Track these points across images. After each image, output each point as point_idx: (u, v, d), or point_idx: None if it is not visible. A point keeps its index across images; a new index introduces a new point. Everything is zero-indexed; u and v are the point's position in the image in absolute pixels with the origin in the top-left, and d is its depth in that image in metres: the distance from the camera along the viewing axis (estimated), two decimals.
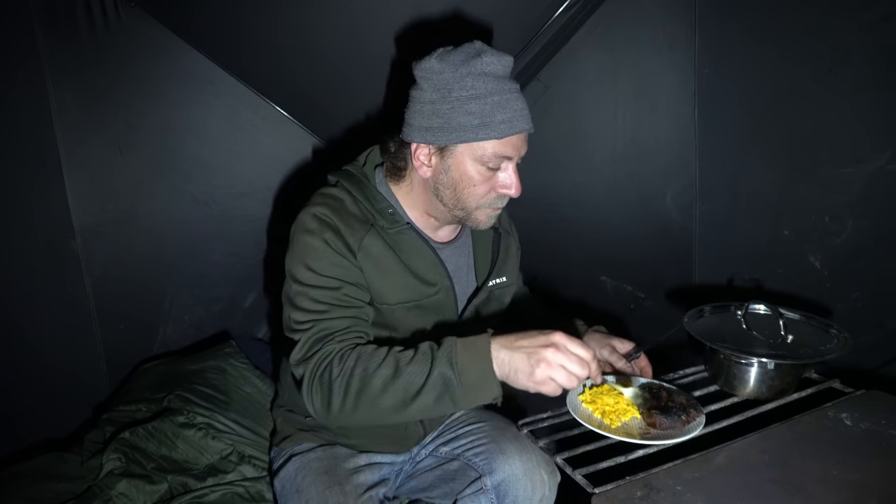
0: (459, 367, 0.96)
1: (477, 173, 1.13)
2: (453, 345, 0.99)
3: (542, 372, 0.92)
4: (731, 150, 1.63)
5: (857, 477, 0.90)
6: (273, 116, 1.98)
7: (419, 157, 1.16)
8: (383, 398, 0.98)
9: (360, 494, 1.18)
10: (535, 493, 1.24)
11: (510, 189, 1.15)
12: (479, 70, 1.07)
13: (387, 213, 1.21)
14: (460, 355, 0.97)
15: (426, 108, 1.11)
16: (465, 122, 1.08)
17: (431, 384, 0.97)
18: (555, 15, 1.76)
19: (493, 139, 1.09)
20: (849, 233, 1.43)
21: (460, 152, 1.12)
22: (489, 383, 0.95)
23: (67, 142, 1.66)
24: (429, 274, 1.23)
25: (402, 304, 1.20)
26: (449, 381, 0.96)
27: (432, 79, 1.10)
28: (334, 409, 1.02)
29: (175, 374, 1.75)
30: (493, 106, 1.08)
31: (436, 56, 1.10)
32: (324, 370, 1.04)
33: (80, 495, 1.42)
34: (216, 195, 1.96)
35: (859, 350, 1.16)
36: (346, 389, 1.00)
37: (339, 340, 1.08)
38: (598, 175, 1.93)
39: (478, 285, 1.33)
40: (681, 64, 1.62)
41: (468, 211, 1.17)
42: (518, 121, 1.11)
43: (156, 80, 1.79)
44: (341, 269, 1.13)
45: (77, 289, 1.75)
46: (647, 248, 1.87)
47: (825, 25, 1.38)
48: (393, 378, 0.98)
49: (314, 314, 1.10)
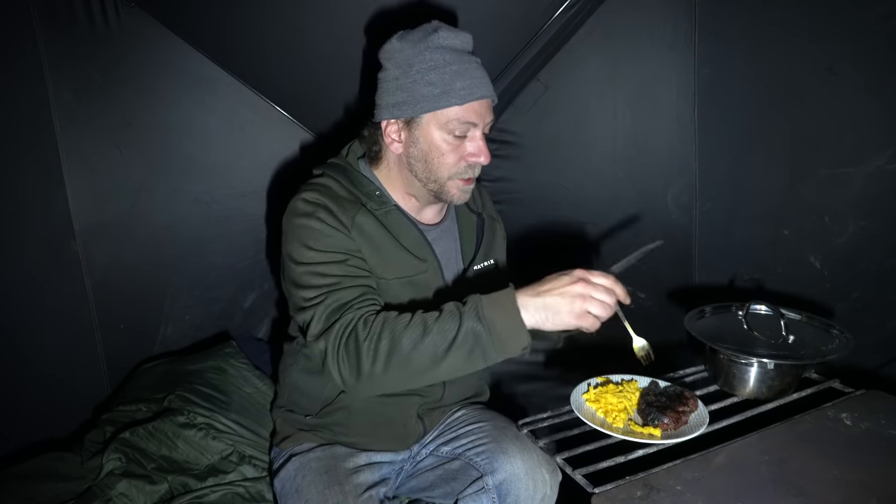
0: (488, 320, 0.97)
1: (444, 142, 1.17)
2: (478, 300, 1.00)
3: (580, 306, 0.96)
4: (731, 150, 1.63)
5: (857, 477, 0.90)
6: (273, 116, 1.98)
7: (389, 134, 1.21)
8: (414, 357, 0.99)
9: (359, 494, 1.18)
10: (537, 492, 1.24)
11: (479, 156, 1.19)
12: (437, 44, 1.14)
13: (374, 195, 1.25)
14: (487, 309, 0.98)
15: (391, 85, 1.18)
16: (427, 93, 1.14)
17: (462, 339, 0.98)
18: (555, 15, 1.76)
19: (454, 105, 1.14)
20: (849, 233, 1.43)
21: (426, 122, 1.17)
22: (518, 332, 0.97)
23: (67, 141, 1.66)
24: (419, 251, 1.26)
25: (398, 279, 1.23)
26: (479, 334, 0.97)
27: (394, 57, 1.17)
28: (364, 373, 1.01)
29: (175, 375, 1.75)
30: (452, 74, 1.13)
31: (396, 37, 1.18)
32: (349, 336, 1.04)
33: (80, 495, 1.42)
34: (216, 195, 1.96)
35: (859, 350, 1.16)
36: (376, 352, 1.00)
37: (357, 307, 1.08)
38: (598, 175, 1.93)
39: (464, 267, 1.36)
40: (681, 64, 1.63)
41: (441, 182, 1.21)
42: (478, 87, 1.16)
43: (155, 80, 1.79)
44: (343, 242, 1.16)
45: (77, 289, 1.75)
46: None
47: (825, 25, 1.39)
48: (423, 336, 0.99)
49: (324, 288, 1.10)
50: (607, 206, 1.93)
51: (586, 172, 1.96)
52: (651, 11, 1.66)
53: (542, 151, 2.04)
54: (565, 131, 1.96)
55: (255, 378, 1.81)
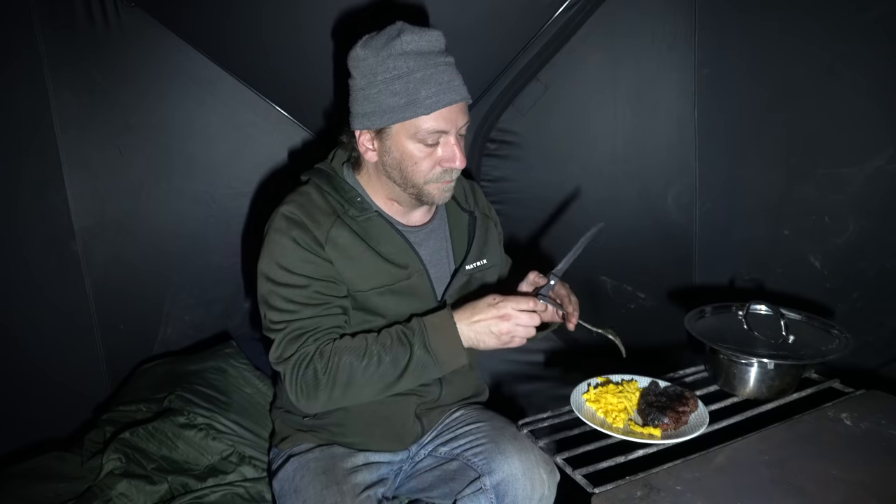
0: (433, 349, 1.12)
1: (417, 150, 1.16)
2: (424, 330, 1.13)
3: (505, 339, 1.11)
4: (731, 149, 1.63)
5: (857, 477, 0.90)
6: (273, 116, 1.98)
7: (363, 143, 1.20)
8: (369, 385, 1.13)
9: (357, 494, 1.18)
10: (535, 492, 1.23)
11: (454, 161, 1.17)
12: (400, 50, 1.10)
13: (355, 202, 1.25)
14: (432, 339, 1.12)
15: (359, 94, 1.16)
16: (392, 103, 1.12)
17: (412, 368, 1.12)
18: (555, 15, 1.76)
19: (421, 115, 1.11)
20: (849, 233, 1.43)
21: (396, 132, 1.15)
22: (459, 356, 1.13)
23: (67, 142, 1.66)
24: (398, 257, 1.26)
25: (376, 290, 1.23)
26: (427, 363, 1.12)
27: (359, 66, 1.15)
28: (321, 399, 1.14)
29: (175, 375, 1.75)
30: (416, 83, 1.10)
31: (360, 44, 1.15)
32: (305, 369, 1.13)
33: (80, 495, 1.42)
34: (216, 195, 1.96)
35: (859, 350, 1.16)
36: (334, 384, 1.12)
37: (313, 340, 1.16)
38: (598, 175, 1.93)
39: (455, 268, 1.35)
40: (681, 64, 1.63)
41: (418, 187, 1.20)
42: (446, 93, 1.12)
43: (156, 80, 1.79)
44: (310, 266, 1.18)
45: (77, 289, 1.75)
46: (648, 247, 1.87)
47: (825, 25, 1.38)
48: (377, 367, 1.12)
49: (287, 314, 1.17)
50: (607, 206, 1.93)
51: (586, 172, 1.96)
52: (651, 11, 1.66)
53: (542, 151, 2.04)
54: (565, 131, 1.96)
55: (255, 378, 1.81)
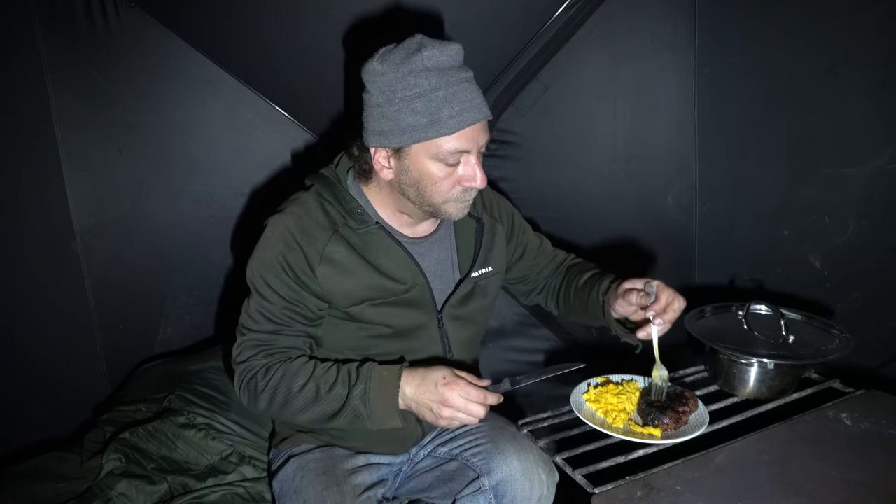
0: (370, 404, 1.10)
1: (437, 170, 1.11)
2: (367, 382, 1.11)
3: (444, 421, 1.07)
4: (731, 149, 1.63)
5: (857, 477, 0.90)
6: (273, 116, 1.98)
7: (378, 161, 1.16)
8: (303, 415, 1.15)
9: (357, 495, 1.18)
10: (534, 492, 1.23)
11: (474, 181, 1.13)
12: (421, 66, 1.05)
13: (356, 214, 1.22)
14: (372, 393, 1.10)
15: (375, 111, 1.11)
16: (414, 122, 1.07)
17: (345, 413, 1.12)
18: (555, 15, 1.76)
19: (444, 135, 1.07)
20: (849, 233, 1.43)
21: (415, 152, 1.10)
22: (392, 418, 1.11)
23: (67, 142, 1.66)
24: (398, 272, 1.23)
25: (370, 303, 1.21)
26: (360, 413, 1.11)
27: (376, 81, 1.09)
28: (260, 410, 1.18)
29: (175, 375, 1.75)
30: (439, 102, 1.06)
31: (377, 58, 1.09)
32: (250, 379, 1.17)
33: (80, 495, 1.42)
34: (216, 195, 1.96)
35: (859, 350, 1.16)
36: (271, 401, 1.15)
37: (265, 355, 1.18)
38: (598, 175, 1.93)
39: (461, 277, 1.33)
40: (681, 64, 1.62)
41: (436, 206, 1.17)
42: (469, 112, 1.07)
43: (156, 80, 1.79)
44: (285, 287, 1.18)
45: (77, 289, 1.75)
46: (648, 247, 1.87)
47: (825, 25, 1.39)
48: (313, 402, 1.13)
49: (252, 322, 1.20)
50: (607, 206, 1.93)
51: (586, 172, 1.96)
52: (651, 12, 1.66)
53: (542, 151, 2.03)
54: (565, 131, 1.96)
55: None
